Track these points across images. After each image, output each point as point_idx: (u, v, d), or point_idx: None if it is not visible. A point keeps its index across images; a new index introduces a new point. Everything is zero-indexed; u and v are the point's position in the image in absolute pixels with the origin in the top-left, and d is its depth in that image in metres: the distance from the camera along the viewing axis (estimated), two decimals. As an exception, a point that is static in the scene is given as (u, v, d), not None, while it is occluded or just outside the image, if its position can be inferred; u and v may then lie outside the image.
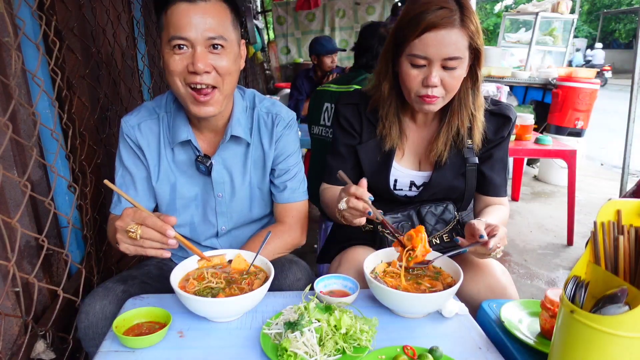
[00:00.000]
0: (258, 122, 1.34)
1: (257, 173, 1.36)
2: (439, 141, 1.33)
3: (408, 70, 1.21)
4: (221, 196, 1.34)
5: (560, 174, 4.66)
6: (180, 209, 1.34)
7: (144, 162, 1.31)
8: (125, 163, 1.30)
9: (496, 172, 1.39)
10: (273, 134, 1.34)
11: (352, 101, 1.43)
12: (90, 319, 1.09)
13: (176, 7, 1.10)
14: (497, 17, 20.09)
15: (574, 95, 4.50)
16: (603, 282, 0.75)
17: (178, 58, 1.12)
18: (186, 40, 1.10)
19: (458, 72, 1.19)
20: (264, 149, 1.35)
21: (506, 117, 1.35)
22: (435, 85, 1.19)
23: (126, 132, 1.29)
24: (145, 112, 1.31)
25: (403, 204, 1.41)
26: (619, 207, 0.78)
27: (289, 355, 0.85)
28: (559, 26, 7.12)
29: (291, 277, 1.21)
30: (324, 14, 6.61)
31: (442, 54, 1.15)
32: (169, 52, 1.13)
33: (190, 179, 1.33)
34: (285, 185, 1.37)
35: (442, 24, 1.13)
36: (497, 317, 1.05)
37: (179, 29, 1.09)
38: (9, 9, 1.26)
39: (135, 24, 2.49)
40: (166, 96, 1.33)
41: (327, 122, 2.48)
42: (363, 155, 1.40)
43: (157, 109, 1.31)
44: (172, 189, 1.32)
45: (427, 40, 1.15)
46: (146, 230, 0.98)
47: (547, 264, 3.03)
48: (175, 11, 1.10)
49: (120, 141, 1.31)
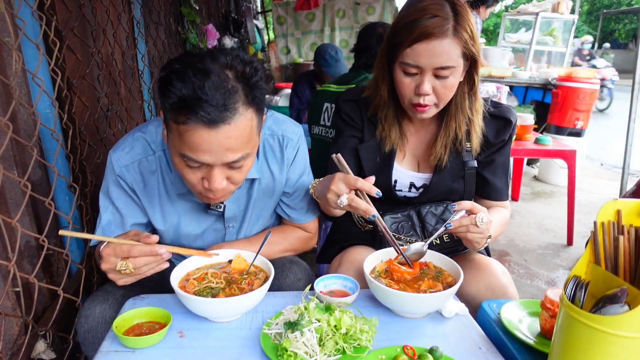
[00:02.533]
0: (264, 149, 1.23)
1: (265, 201, 1.31)
2: (438, 145, 1.33)
3: (401, 77, 1.21)
4: (232, 227, 1.30)
5: (560, 174, 4.66)
6: (185, 242, 1.29)
7: (139, 205, 1.19)
8: (116, 203, 1.17)
9: (498, 177, 1.39)
10: (284, 158, 1.25)
11: (353, 97, 1.42)
12: (89, 323, 1.08)
13: (192, 131, 0.90)
14: (497, 17, 20.07)
15: (574, 95, 4.50)
16: (603, 282, 0.75)
17: (192, 172, 0.99)
18: (202, 164, 0.96)
19: (451, 80, 1.18)
20: (274, 175, 1.26)
21: (507, 120, 1.34)
22: (427, 93, 1.18)
23: (118, 172, 1.14)
24: (139, 148, 1.14)
25: (403, 204, 1.41)
26: (619, 207, 0.78)
27: (289, 355, 0.85)
28: (559, 26, 7.13)
29: (291, 277, 1.21)
30: (324, 14, 6.61)
31: (434, 63, 1.14)
32: (181, 162, 0.98)
33: (196, 220, 1.25)
34: (302, 206, 1.35)
35: (435, 34, 1.11)
36: (497, 317, 1.05)
37: (194, 152, 0.92)
38: (9, 9, 1.26)
39: (135, 24, 2.49)
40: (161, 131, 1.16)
41: (327, 122, 2.49)
42: (364, 155, 1.40)
43: (152, 145, 1.15)
44: (175, 229, 1.25)
45: (418, 50, 1.14)
46: (136, 260, 0.95)
47: (547, 264, 3.03)
48: (190, 134, 0.90)
49: (109, 178, 1.15)
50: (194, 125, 0.89)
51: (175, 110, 0.90)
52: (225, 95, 0.89)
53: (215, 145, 0.91)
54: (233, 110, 0.90)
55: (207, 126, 0.89)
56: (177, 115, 0.90)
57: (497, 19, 19.78)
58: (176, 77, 0.89)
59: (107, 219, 1.17)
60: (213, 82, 0.88)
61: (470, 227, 1.08)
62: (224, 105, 0.88)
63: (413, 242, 1.36)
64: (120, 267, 0.94)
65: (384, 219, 1.37)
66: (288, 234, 1.39)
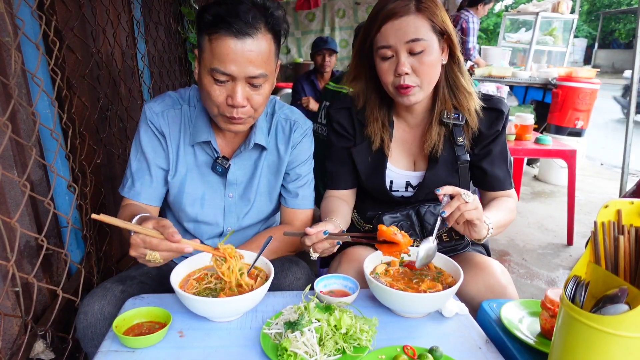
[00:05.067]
0: (276, 128, 1.37)
1: (270, 177, 1.38)
2: (432, 132, 1.33)
3: (380, 64, 1.25)
4: (232, 196, 1.35)
5: (560, 173, 4.66)
6: (186, 206, 1.34)
7: (164, 149, 1.30)
8: (145, 149, 1.29)
9: (497, 167, 1.38)
10: (290, 140, 1.37)
11: (344, 105, 1.44)
12: (88, 320, 1.09)
13: (222, 40, 1.08)
14: (497, 17, 20.08)
15: (574, 95, 4.50)
16: (603, 282, 0.75)
17: (218, 89, 1.13)
18: (229, 75, 1.11)
19: (427, 57, 1.20)
20: (280, 154, 1.37)
21: (499, 111, 1.35)
22: (405, 72, 1.21)
23: (150, 118, 1.28)
24: (169, 100, 1.32)
25: (401, 204, 1.41)
26: (619, 207, 0.78)
27: (289, 355, 0.85)
28: (559, 26, 7.13)
29: (291, 276, 1.21)
30: (324, 13, 6.60)
31: (402, 38, 1.19)
32: (209, 80, 1.13)
33: (200, 177, 1.33)
34: (297, 192, 1.39)
35: (398, 13, 1.19)
36: (497, 317, 1.05)
37: (222, 64, 1.09)
38: (9, 8, 1.26)
39: (135, 23, 2.49)
40: (190, 90, 1.34)
41: (324, 120, 2.53)
42: (357, 158, 1.41)
43: (180, 100, 1.32)
44: (181, 184, 1.33)
45: (386, 31, 1.21)
46: (164, 254, 0.99)
47: (547, 263, 3.03)
48: (220, 44, 1.09)
49: (142, 127, 1.30)
50: (224, 35, 1.08)
51: (209, 27, 1.09)
52: (252, 15, 1.10)
53: (240, 56, 1.09)
54: (257, 28, 1.10)
55: (235, 36, 1.08)
56: (211, 29, 1.09)
57: (497, 19, 19.79)
58: (214, 3, 1.12)
59: (136, 166, 1.31)
60: (243, 7, 1.10)
61: (461, 206, 1.06)
62: (250, 23, 1.09)
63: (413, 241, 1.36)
64: (150, 257, 0.98)
65: (384, 219, 1.37)
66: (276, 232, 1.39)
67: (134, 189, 1.29)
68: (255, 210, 1.39)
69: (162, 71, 2.97)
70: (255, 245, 1.27)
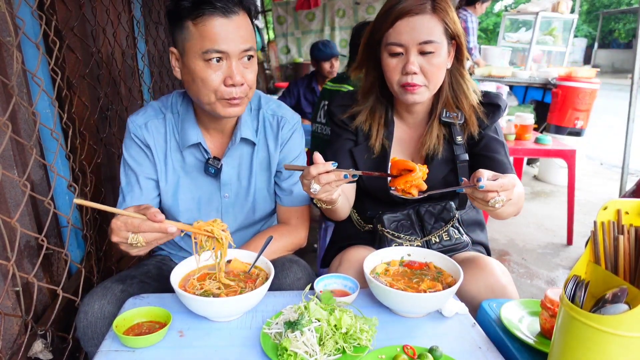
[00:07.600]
0: (264, 124, 1.36)
1: (262, 174, 1.37)
2: (431, 133, 1.33)
3: (387, 60, 1.24)
4: (227, 197, 1.35)
5: (560, 173, 4.66)
6: (182, 212, 1.34)
7: (151, 160, 1.30)
8: (131, 163, 1.30)
9: (494, 151, 1.33)
10: (279, 137, 1.35)
11: (345, 102, 1.43)
12: (89, 319, 1.09)
13: (210, 20, 1.10)
14: (497, 17, 20.07)
15: (573, 95, 4.50)
16: (603, 282, 0.75)
17: (213, 73, 1.13)
18: (223, 53, 1.11)
19: (437, 59, 1.20)
20: (270, 151, 1.36)
21: (497, 106, 1.35)
22: (414, 72, 1.20)
23: (133, 131, 1.28)
24: (151, 111, 1.31)
25: (401, 204, 1.41)
26: (619, 207, 0.78)
27: (289, 354, 0.85)
28: (559, 26, 7.12)
29: (291, 276, 1.22)
30: (324, 13, 6.60)
31: (416, 38, 1.17)
32: (202, 65, 1.12)
33: (194, 181, 1.33)
34: (291, 189, 1.38)
35: (414, 11, 1.17)
36: (497, 317, 1.05)
37: (216, 42, 1.10)
38: (9, 8, 1.26)
39: (135, 23, 2.49)
40: (172, 97, 1.34)
41: (323, 119, 2.54)
42: (358, 158, 1.41)
43: (162, 109, 1.32)
44: (174, 192, 1.32)
45: (400, 28, 1.19)
46: (147, 235, 0.97)
47: (547, 263, 3.03)
48: (209, 24, 1.10)
49: (126, 142, 1.31)
50: (211, 15, 1.09)
51: (192, 11, 1.10)
52: None
53: (231, 32, 1.11)
54: (236, 5, 1.13)
55: (222, 15, 1.10)
56: (196, 13, 1.09)
57: (497, 19, 19.79)
58: None
59: (125, 181, 1.31)
60: None
61: (502, 186, 0.98)
62: (232, 1, 1.11)
63: (413, 240, 1.36)
64: (132, 240, 0.96)
65: (384, 219, 1.37)
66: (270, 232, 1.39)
67: (125, 203, 1.29)
68: (254, 208, 1.38)
69: (162, 71, 2.97)
70: (255, 246, 1.28)
